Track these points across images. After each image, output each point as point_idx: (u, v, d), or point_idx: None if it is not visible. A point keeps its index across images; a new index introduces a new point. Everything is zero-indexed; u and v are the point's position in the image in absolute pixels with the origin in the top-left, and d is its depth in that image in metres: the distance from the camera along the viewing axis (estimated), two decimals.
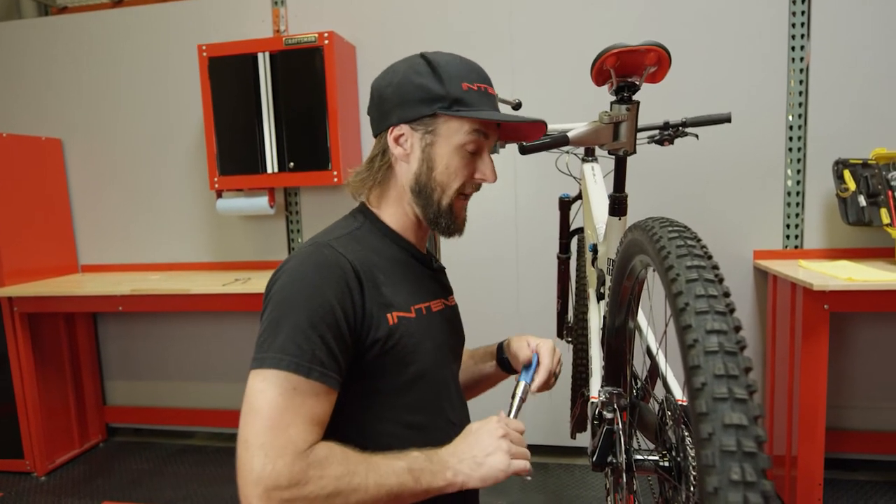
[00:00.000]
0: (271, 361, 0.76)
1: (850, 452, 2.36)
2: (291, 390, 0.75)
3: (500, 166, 2.51)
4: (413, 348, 0.89)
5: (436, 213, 0.92)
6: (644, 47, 0.88)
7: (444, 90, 0.88)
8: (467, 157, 0.91)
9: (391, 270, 0.91)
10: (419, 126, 0.90)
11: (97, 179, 2.90)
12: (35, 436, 2.60)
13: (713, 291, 0.55)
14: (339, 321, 0.80)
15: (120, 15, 2.80)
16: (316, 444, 0.76)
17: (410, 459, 0.80)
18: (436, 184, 0.91)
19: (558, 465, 2.54)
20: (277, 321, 0.79)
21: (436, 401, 0.93)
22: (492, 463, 0.81)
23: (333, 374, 0.79)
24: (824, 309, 1.84)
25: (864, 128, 2.22)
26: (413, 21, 2.52)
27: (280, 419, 0.74)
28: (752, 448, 0.45)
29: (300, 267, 0.84)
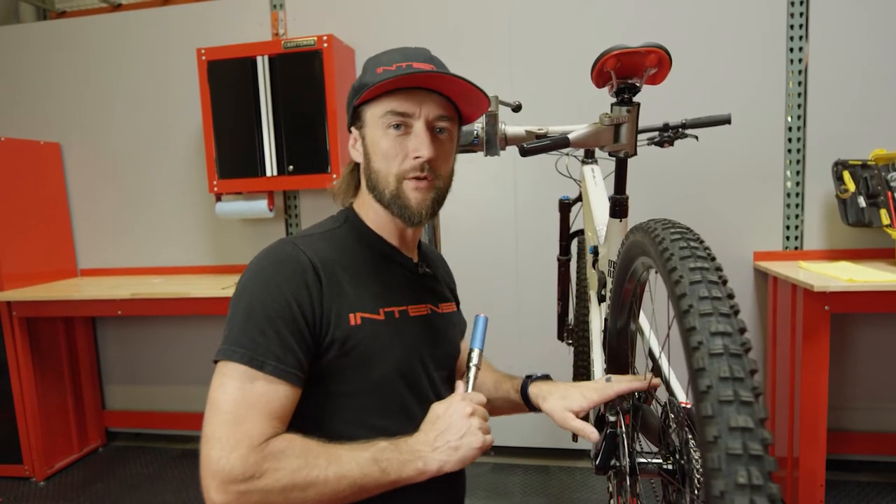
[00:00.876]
0: (227, 353, 0.78)
1: (851, 454, 2.36)
2: (248, 383, 0.77)
3: (500, 169, 2.52)
4: (378, 351, 0.87)
5: (388, 201, 0.90)
6: (644, 49, 0.87)
7: (360, 82, 0.90)
8: (395, 137, 0.88)
9: (362, 271, 0.90)
10: (357, 124, 0.93)
11: (96, 183, 2.90)
12: (34, 440, 2.59)
13: (717, 293, 0.54)
14: (295, 317, 0.81)
15: (118, 19, 2.80)
16: (274, 437, 0.76)
17: (376, 450, 0.79)
18: (376, 173, 0.90)
19: (559, 468, 2.53)
20: (236, 316, 0.81)
21: (406, 407, 0.91)
22: (467, 443, 0.81)
23: (291, 369, 0.79)
24: (825, 310, 1.84)
25: (863, 129, 2.22)
26: (412, 24, 2.52)
27: (236, 413, 0.75)
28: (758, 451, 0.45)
29: (260, 263, 0.85)
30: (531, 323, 2.53)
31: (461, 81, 0.88)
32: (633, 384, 0.88)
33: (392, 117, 0.87)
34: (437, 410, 0.86)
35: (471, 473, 2.49)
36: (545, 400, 0.97)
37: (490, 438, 0.84)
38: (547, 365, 2.50)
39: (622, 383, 0.89)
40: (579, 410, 0.91)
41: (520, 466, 2.57)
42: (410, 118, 0.88)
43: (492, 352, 2.80)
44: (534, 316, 2.53)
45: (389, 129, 0.88)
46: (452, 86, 0.90)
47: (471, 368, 0.92)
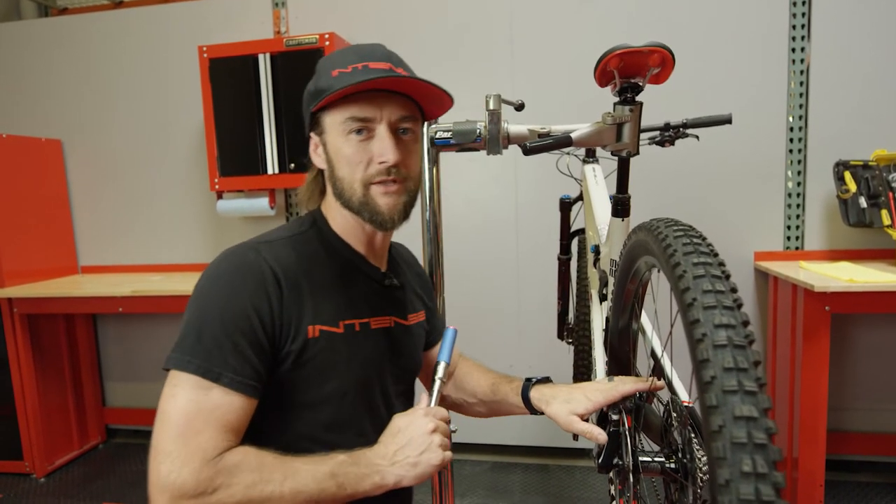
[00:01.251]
0: (181, 363, 0.75)
1: (851, 454, 2.36)
2: (202, 395, 0.74)
3: (501, 168, 2.52)
4: (333, 364, 0.85)
5: (357, 208, 0.87)
6: (648, 48, 0.87)
7: (316, 86, 0.87)
8: (358, 142, 0.85)
9: (324, 282, 0.87)
10: (317, 130, 0.89)
11: (97, 180, 2.90)
12: (34, 437, 2.59)
13: (720, 287, 0.55)
14: (254, 328, 0.78)
15: (120, 16, 2.80)
16: (227, 451, 0.74)
17: (335, 463, 0.78)
18: (341, 180, 0.87)
19: (559, 467, 2.53)
20: (191, 323, 0.78)
21: (358, 422, 0.89)
22: (426, 460, 0.81)
23: (249, 380, 0.77)
24: (825, 310, 1.84)
25: (864, 129, 2.22)
26: (413, 22, 2.52)
27: (189, 425, 0.72)
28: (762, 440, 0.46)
29: (219, 269, 0.81)
30: (531, 321, 2.54)
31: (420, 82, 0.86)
32: (638, 385, 0.88)
33: (353, 123, 0.84)
34: (399, 423, 0.85)
35: (470, 472, 2.51)
36: (549, 404, 0.96)
37: (449, 455, 0.83)
38: (547, 364, 2.52)
39: (626, 385, 0.88)
40: (584, 413, 0.90)
41: (519, 465, 2.57)
42: (372, 122, 0.85)
43: (492, 350, 2.80)
44: (534, 314, 2.53)
45: (351, 135, 0.85)
46: (412, 86, 0.87)
47: (436, 382, 0.91)
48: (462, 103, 2.73)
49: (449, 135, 1.08)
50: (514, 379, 1.08)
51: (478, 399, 1.11)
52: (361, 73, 0.83)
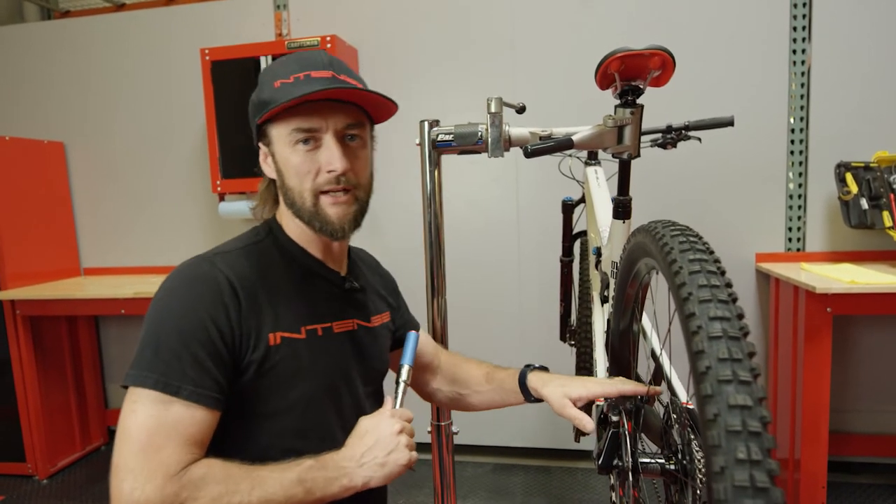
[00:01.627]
0: (139, 379, 0.74)
1: (853, 456, 2.36)
2: (162, 410, 0.73)
3: (502, 169, 2.52)
4: (297, 371, 0.85)
5: (308, 218, 0.87)
6: (648, 51, 0.88)
7: (259, 97, 0.87)
8: (305, 152, 0.85)
9: (283, 289, 0.87)
10: (264, 141, 0.89)
11: (99, 182, 2.91)
12: (37, 439, 2.60)
13: (715, 282, 0.56)
14: (213, 339, 0.77)
15: (122, 19, 2.81)
16: (192, 465, 0.73)
17: (302, 469, 0.78)
18: (291, 190, 0.87)
19: (560, 469, 2.53)
20: (148, 338, 0.77)
21: (326, 427, 0.89)
22: (394, 460, 0.82)
23: (210, 392, 0.76)
24: (827, 312, 1.84)
25: (865, 130, 2.22)
26: (414, 24, 2.53)
27: (150, 441, 0.71)
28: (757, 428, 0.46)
29: (174, 283, 0.81)
30: (533, 323, 2.54)
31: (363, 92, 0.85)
32: (638, 388, 0.88)
33: (298, 134, 0.84)
34: (366, 425, 0.85)
35: (472, 474, 2.51)
36: (545, 385, 0.97)
37: (415, 455, 0.85)
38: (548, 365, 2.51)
39: (627, 385, 0.89)
40: (577, 399, 0.92)
41: (521, 466, 2.58)
42: (318, 132, 0.85)
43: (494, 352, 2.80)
44: (535, 316, 2.53)
45: (298, 146, 0.85)
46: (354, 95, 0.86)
47: (399, 384, 0.92)
48: (463, 105, 2.75)
49: (450, 137, 1.09)
50: (509, 368, 1.10)
51: (471, 389, 1.12)
52: (304, 83, 0.83)
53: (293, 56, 0.88)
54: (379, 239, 2.63)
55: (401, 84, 2.55)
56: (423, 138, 1.12)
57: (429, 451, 1.26)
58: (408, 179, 2.59)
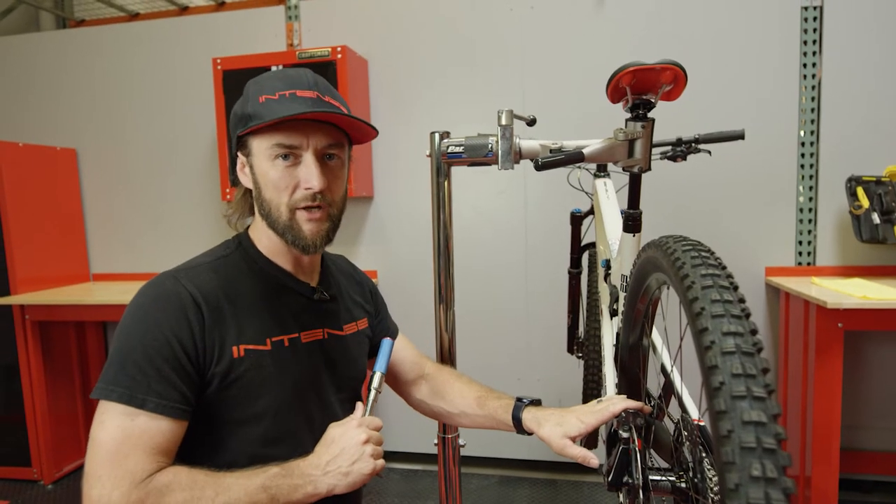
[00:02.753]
0: (105, 392, 0.78)
1: (864, 473, 2.32)
2: (128, 421, 0.76)
3: (510, 180, 2.52)
4: (262, 381, 0.87)
5: (281, 231, 0.89)
6: (660, 66, 0.88)
7: (243, 110, 0.88)
8: (284, 168, 0.87)
9: (249, 302, 0.89)
10: (243, 152, 0.91)
11: (110, 189, 2.94)
12: (43, 444, 2.60)
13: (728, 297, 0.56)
14: (176, 353, 0.80)
15: (136, 28, 2.85)
16: (158, 472, 0.76)
17: (266, 476, 0.80)
18: (267, 203, 0.89)
19: (567, 482, 2.51)
20: (115, 354, 0.80)
21: (295, 434, 0.91)
22: (358, 469, 0.83)
23: (175, 403, 0.79)
24: (838, 327, 1.82)
25: (877, 144, 2.21)
26: (425, 36, 2.54)
27: (117, 450, 0.75)
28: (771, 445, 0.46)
29: (140, 299, 0.84)
30: (540, 335, 2.53)
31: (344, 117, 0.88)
32: (628, 404, 0.88)
33: (279, 149, 0.86)
34: (333, 434, 0.87)
35: (477, 486, 2.49)
36: (541, 426, 0.97)
37: (381, 463, 0.86)
38: (556, 378, 2.51)
39: (617, 404, 0.89)
40: (577, 436, 0.92)
41: (527, 480, 2.55)
42: (298, 149, 0.87)
43: (500, 363, 2.78)
44: (542, 327, 2.52)
45: (277, 160, 0.87)
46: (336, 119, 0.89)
47: (371, 391, 0.93)
48: (471, 116, 2.76)
49: (461, 149, 1.09)
50: (502, 395, 1.08)
51: (460, 411, 1.11)
52: (289, 101, 0.86)
53: (279, 73, 0.91)
54: (386, 248, 2.64)
55: (410, 95, 2.56)
56: (433, 149, 1.12)
57: (435, 462, 1.25)
58: (415, 189, 2.59)
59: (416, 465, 2.66)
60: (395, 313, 2.88)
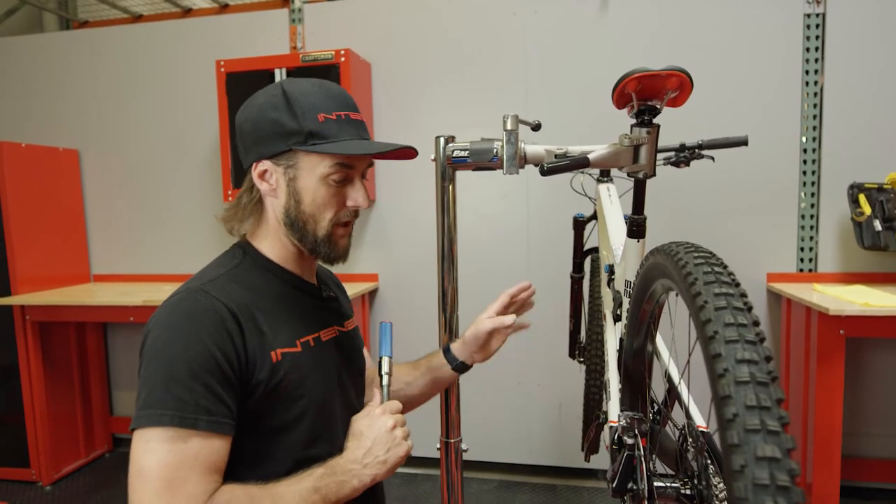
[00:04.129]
0: (152, 419, 0.74)
1: (866, 481, 2.32)
2: (181, 445, 0.74)
3: (513, 184, 2.52)
4: (300, 383, 0.88)
5: (313, 243, 0.91)
6: (666, 72, 0.88)
7: (298, 124, 0.85)
8: (335, 187, 0.89)
9: (273, 307, 0.89)
10: (280, 161, 0.88)
11: (112, 190, 2.94)
12: (41, 445, 2.59)
13: (743, 320, 0.54)
14: (221, 367, 0.78)
15: (139, 30, 2.85)
16: (215, 493, 0.75)
17: (314, 478, 0.82)
18: (307, 216, 0.89)
19: (566, 487, 2.50)
20: (155, 376, 0.76)
21: (331, 431, 0.93)
22: (395, 454, 0.87)
23: (224, 419, 0.78)
24: (840, 334, 1.82)
25: (878, 151, 2.22)
26: (428, 40, 2.55)
27: (174, 477, 0.72)
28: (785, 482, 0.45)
29: (171, 317, 0.80)
30: (541, 339, 2.52)
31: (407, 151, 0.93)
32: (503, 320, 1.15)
33: (339, 174, 0.88)
34: (360, 426, 0.90)
35: (477, 490, 2.48)
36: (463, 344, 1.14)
37: (411, 443, 0.91)
38: (557, 382, 2.50)
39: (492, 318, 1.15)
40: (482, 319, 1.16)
41: (527, 484, 2.55)
42: (352, 172, 0.90)
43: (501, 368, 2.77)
44: (544, 332, 2.51)
45: (331, 179, 0.88)
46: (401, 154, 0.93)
47: (383, 376, 0.98)
48: (474, 121, 2.76)
49: (466, 154, 1.09)
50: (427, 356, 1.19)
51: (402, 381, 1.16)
52: (346, 124, 0.88)
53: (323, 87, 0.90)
54: (387, 253, 2.64)
55: (412, 98, 2.56)
56: (438, 154, 1.12)
57: (437, 466, 1.25)
58: (417, 193, 2.59)
59: (417, 470, 2.66)
60: (396, 318, 2.88)
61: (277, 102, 0.87)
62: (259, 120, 0.88)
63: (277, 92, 0.88)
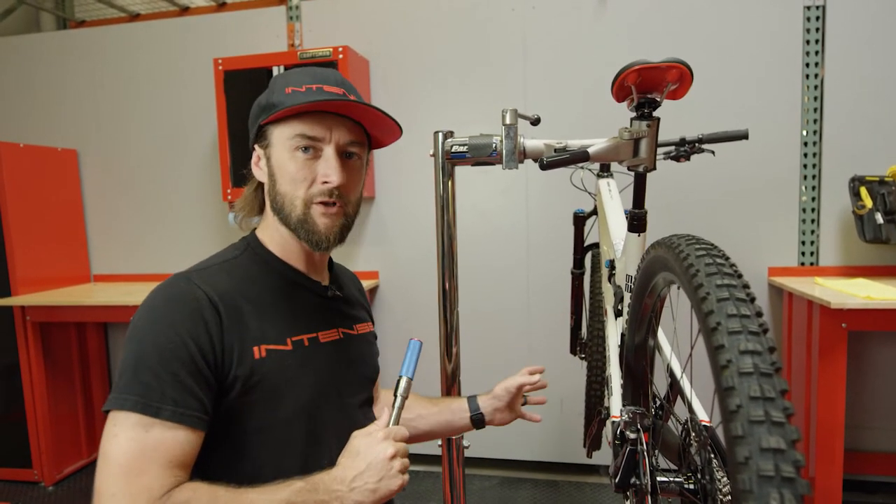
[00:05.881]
0: (118, 402, 0.73)
1: (868, 474, 2.32)
2: (143, 433, 0.71)
3: (512, 180, 2.52)
4: (286, 383, 0.84)
5: (295, 225, 0.87)
6: (666, 64, 0.87)
7: (268, 100, 0.87)
8: (303, 160, 0.85)
9: (265, 301, 0.86)
10: (261, 143, 0.90)
11: (111, 190, 2.93)
12: (44, 445, 2.59)
13: (746, 311, 0.53)
14: (193, 357, 0.76)
15: (137, 29, 2.84)
16: (176, 488, 0.72)
17: (291, 491, 0.75)
18: (282, 196, 0.87)
19: (569, 483, 2.50)
20: (127, 360, 0.75)
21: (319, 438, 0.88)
22: (385, 486, 0.79)
23: (193, 412, 0.74)
24: (842, 327, 1.82)
25: (880, 144, 2.21)
26: (426, 36, 2.54)
27: (132, 465, 0.70)
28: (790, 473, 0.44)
29: (151, 302, 0.80)
30: (542, 335, 2.52)
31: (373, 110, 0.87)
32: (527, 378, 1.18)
33: (301, 140, 0.85)
34: (358, 446, 0.82)
35: (478, 487, 2.48)
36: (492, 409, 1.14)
37: (406, 478, 0.82)
38: (557, 378, 2.49)
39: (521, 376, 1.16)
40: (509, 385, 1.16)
41: (528, 480, 2.55)
42: (320, 142, 0.86)
43: (501, 364, 2.78)
44: (544, 328, 2.51)
45: (297, 152, 0.85)
46: (365, 113, 0.89)
47: (397, 399, 0.89)
48: (473, 117, 2.75)
49: (465, 149, 1.08)
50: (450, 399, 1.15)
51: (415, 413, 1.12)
52: (315, 94, 0.85)
53: (307, 69, 0.90)
54: (387, 249, 2.63)
55: (411, 95, 2.56)
56: (437, 149, 1.11)
57: (439, 463, 1.25)
58: (417, 190, 2.59)
59: (418, 467, 2.66)
60: (396, 314, 2.88)
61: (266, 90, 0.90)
62: (251, 111, 0.92)
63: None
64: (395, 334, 2.62)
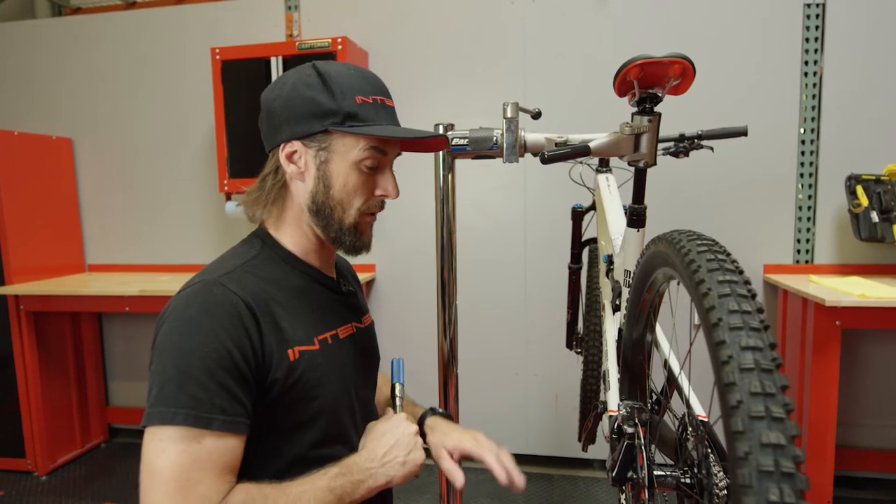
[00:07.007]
0: (165, 417, 0.71)
1: (859, 471, 2.34)
2: (195, 445, 0.71)
3: (511, 175, 2.51)
4: (317, 381, 0.84)
5: (338, 231, 0.87)
6: (669, 59, 0.87)
7: (336, 104, 0.82)
8: (366, 174, 0.86)
9: (291, 302, 0.85)
10: (312, 142, 0.84)
11: (106, 179, 2.91)
12: (37, 435, 2.59)
13: (747, 307, 0.54)
14: (238, 364, 0.75)
15: (133, 17, 2.81)
16: (230, 493, 0.73)
17: (329, 477, 0.80)
18: (335, 202, 0.85)
19: (563, 477, 2.52)
20: (168, 372, 0.73)
21: (344, 431, 0.90)
22: (413, 459, 0.86)
23: (239, 418, 0.75)
24: (836, 325, 1.83)
25: (877, 143, 2.21)
26: (425, 28, 2.52)
27: (187, 477, 0.70)
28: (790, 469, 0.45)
29: (187, 310, 0.77)
30: (538, 329, 2.52)
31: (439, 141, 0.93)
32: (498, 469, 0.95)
33: (373, 160, 0.85)
34: (382, 428, 0.89)
35: (473, 480, 2.49)
36: (431, 433, 1.01)
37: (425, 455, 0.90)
38: (553, 373, 2.50)
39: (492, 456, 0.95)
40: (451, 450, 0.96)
41: (524, 474, 2.55)
42: (385, 159, 0.88)
43: (498, 358, 2.77)
44: (541, 323, 2.52)
45: (364, 164, 0.85)
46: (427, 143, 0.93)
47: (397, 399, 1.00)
48: (472, 109, 2.74)
49: (465, 142, 1.08)
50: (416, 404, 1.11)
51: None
52: (382, 109, 0.85)
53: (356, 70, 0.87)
54: (385, 243, 2.63)
55: (410, 87, 2.55)
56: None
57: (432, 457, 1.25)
58: (415, 183, 2.58)
59: None
60: (393, 308, 2.88)
61: (312, 81, 0.83)
62: (292, 98, 0.84)
63: (311, 72, 0.84)
64: (391, 328, 2.62)
